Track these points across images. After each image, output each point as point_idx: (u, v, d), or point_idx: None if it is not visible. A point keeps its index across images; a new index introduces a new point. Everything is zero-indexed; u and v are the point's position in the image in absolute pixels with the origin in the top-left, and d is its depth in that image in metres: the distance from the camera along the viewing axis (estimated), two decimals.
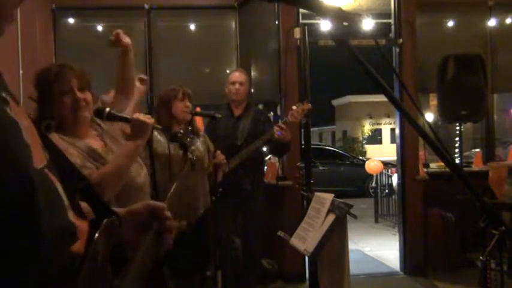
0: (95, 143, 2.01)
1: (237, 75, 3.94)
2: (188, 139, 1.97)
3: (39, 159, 0.80)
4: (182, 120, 3.05)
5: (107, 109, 2.09)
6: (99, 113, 2.09)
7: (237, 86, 3.89)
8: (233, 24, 5.10)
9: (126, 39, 2.30)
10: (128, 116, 2.12)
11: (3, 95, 0.77)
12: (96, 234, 0.86)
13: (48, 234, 0.74)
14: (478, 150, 6.40)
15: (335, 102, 36.35)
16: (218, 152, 3.20)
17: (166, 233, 1.05)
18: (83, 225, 0.88)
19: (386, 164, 8.86)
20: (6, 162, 0.70)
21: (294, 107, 3.59)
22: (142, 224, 1.04)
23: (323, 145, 21.33)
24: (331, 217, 2.37)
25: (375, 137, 32.79)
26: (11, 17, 0.81)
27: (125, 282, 0.90)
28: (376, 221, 8.32)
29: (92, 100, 2.01)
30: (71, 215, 0.85)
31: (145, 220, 1.05)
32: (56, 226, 0.78)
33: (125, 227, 0.99)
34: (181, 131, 1.96)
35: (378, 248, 6.26)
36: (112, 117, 2.12)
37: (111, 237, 0.91)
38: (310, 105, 3.55)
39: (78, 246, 0.84)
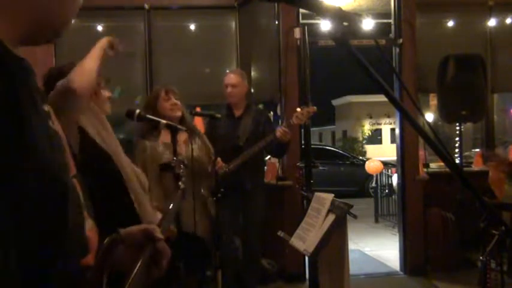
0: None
1: (230, 78, 3.87)
2: (182, 170, 1.99)
3: (71, 167, 0.81)
4: (173, 118, 2.92)
5: (137, 111, 2.34)
6: (129, 114, 2.33)
7: (229, 89, 3.83)
8: (233, 24, 5.10)
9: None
10: (157, 119, 2.31)
11: (46, 108, 0.78)
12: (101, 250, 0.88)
13: (68, 246, 0.75)
14: (478, 150, 6.40)
15: (335, 102, 36.32)
16: (219, 159, 3.21)
17: (158, 255, 1.06)
18: (94, 238, 0.89)
19: (386, 164, 8.86)
20: (49, 175, 0.71)
21: (299, 109, 3.57)
22: (137, 245, 1.05)
23: (323, 145, 21.30)
24: (331, 217, 2.37)
25: (375, 137, 32.77)
26: (69, 24, 0.82)
27: None
28: (376, 221, 8.32)
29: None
30: (88, 226, 0.86)
31: (140, 242, 1.07)
32: (75, 239, 0.78)
33: (122, 247, 1.01)
34: (175, 158, 1.98)
35: (378, 248, 6.26)
36: (141, 119, 2.36)
37: (112, 254, 0.94)
38: (315, 107, 3.55)
39: (88, 259, 0.85)
